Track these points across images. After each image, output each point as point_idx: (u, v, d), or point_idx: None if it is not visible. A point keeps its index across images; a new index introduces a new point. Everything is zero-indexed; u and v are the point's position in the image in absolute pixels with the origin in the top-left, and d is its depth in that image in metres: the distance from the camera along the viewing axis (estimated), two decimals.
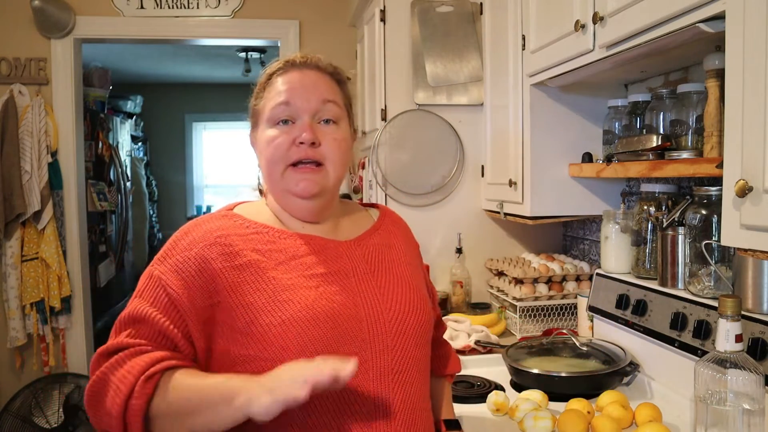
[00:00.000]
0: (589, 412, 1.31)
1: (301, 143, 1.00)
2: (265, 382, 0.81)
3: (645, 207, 1.65)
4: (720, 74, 1.24)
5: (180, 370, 0.89)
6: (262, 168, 1.06)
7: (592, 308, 1.83)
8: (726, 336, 1.04)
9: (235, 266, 0.96)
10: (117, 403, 0.85)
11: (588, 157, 1.89)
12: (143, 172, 5.56)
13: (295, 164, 1.01)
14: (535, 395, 1.39)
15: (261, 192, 1.14)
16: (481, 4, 2.30)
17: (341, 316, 0.96)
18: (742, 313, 1.07)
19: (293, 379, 0.78)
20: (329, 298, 0.97)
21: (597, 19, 1.42)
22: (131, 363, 0.88)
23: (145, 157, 6.04)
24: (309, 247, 1.02)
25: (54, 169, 3.06)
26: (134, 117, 5.47)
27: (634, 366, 1.55)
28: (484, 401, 1.43)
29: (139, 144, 5.82)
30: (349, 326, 0.96)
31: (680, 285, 1.50)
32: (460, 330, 1.91)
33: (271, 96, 1.03)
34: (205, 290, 0.94)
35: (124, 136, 4.54)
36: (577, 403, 1.33)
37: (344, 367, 0.79)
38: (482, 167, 2.34)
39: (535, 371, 1.51)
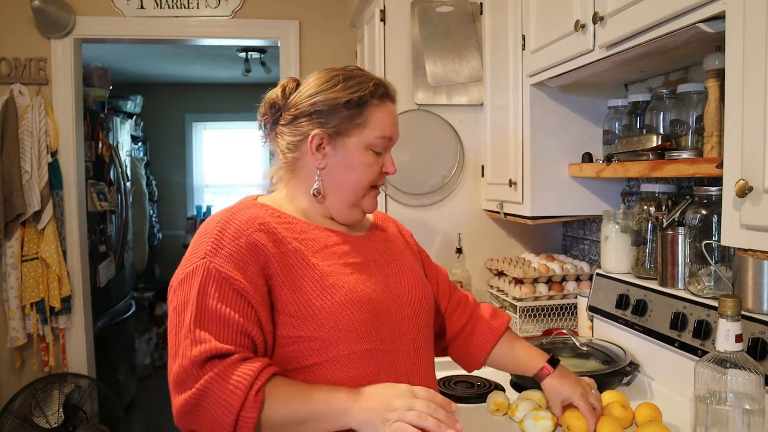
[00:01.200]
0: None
1: (387, 173, 1.15)
2: (372, 406, 0.92)
3: (645, 207, 1.65)
4: (720, 74, 1.24)
5: (278, 378, 0.94)
6: (345, 181, 1.12)
7: (592, 308, 1.83)
8: (726, 336, 1.04)
9: (282, 252, 1.03)
10: (229, 418, 0.88)
11: (588, 157, 1.89)
12: (143, 172, 5.55)
13: (374, 186, 1.15)
14: (535, 395, 1.39)
15: (318, 194, 1.13)
16: (481, 4, 2.30)
17: (376, 300, 1.07)
18: (742, 313, 1.07)
19: (402, 392, 0.93)
20: (364, 284, 1.07)
21: (597, 19, 1.42)
22: (237, 376, 0.89)
23: (145, 157, 6.04)
24: (335, 240, 1.11)
25: (54, 169, 3.06)
26: (134, 117, 5.47)
27: (634, 366, 1.55)
28: (484, 401, 1.43)
29: (139, 144, 5.81)
30: (382, 309, 1.08)
31: (680, 285, 1.50)
32: None
33: (376, 124, 1.11)
34: (261, 276, 1.00)
35: (124, 136, 4.54)
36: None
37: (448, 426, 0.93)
38: (482, 167, 2.34)
39: None
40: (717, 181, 1.25)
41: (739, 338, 1.03)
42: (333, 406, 0.92)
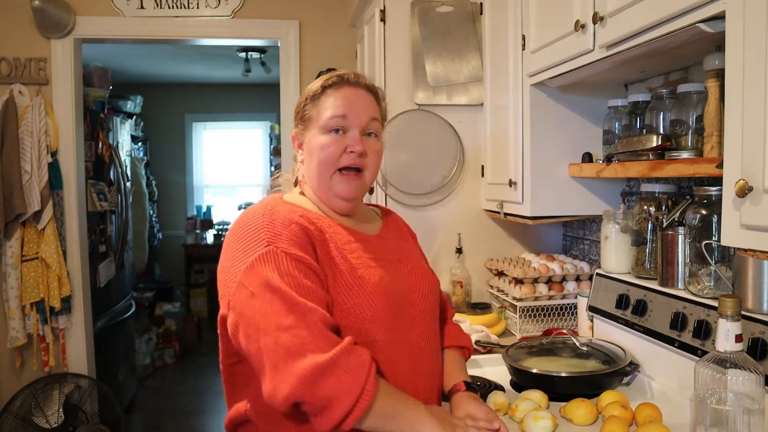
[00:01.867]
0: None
1: (352, 152, 1.16)
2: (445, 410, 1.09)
3: (645, 207, 1.65)
4: (720, 74, 1.24)
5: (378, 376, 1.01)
6: (311, 168, 1.19)
7: (592, 308, 1.83)
8: (726, 336, 1.04)
9: (323, 239, 1.11)
10: (356, 387, 0.94)
11: (588, 157, 1.89)
12: (143, 172, 5.55)
13: (341, 169, 1.17)
14: (535, 395, 1.39)
15: (296, 183, 1.26)
16: (481, 4, 2.30)
17: (394, 294, 1.15)
18: (742, 313, 1.07)
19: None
20: (385, 278, 1.14)
21: (597, 19, 1.42)
22: (358, 353, 0.97)
23: (145, 157, 6.04)
24: (354, 237, 1.18)
25: (54, 169, 3.06)
26: (134, 117, 5.47)
27: (634, 366, 1.55)
28: (484, 401, 1.42)
29: (139, 144, 5.81)
30: (402, 302, 1.16)
31: (680, 285, 1.50)
32: None
33: (326, 107, 1.18)
34: (314, 255, 1.08)
35: (124, 136, 4.53)
36: (582, 403, 1.34)
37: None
38: (482, 167, 2.34)
39: (535, 371, 1.51)
40: (717, 181, 1.25)
41: (739, 338, 1.03)
42: (419, 416, 1.01)
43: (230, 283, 1.04)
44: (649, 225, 1.64)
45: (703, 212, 1.40)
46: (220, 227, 6.42)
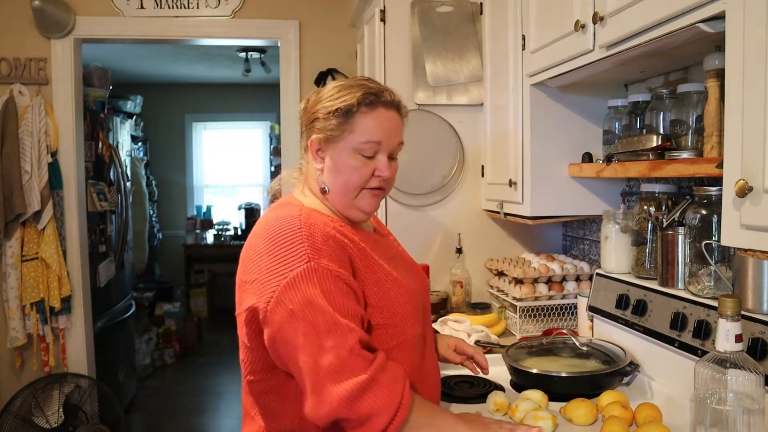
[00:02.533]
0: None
1: (379, 176, 1.18)
2: (478, 420, 1.10)
3: (645, 207, 1.65)
4: (720, 74, 1.24)
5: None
6: (336, 183, 1.18)
7: (592, 308, 1.83)
8: (726, 336, 1.04)
9: (359, 249, 1.14)
10: (394, 401, 0.98)
11: (588, 157, 1.89)
12: (143, 172, 5.55)
13: (369, 188, 1.20)
14: (535, 395, 1.39)
15: (323, 192, 1.22)
16: (481, 4, 2.30)
17: (416, 291, 1.22)
18: (742, 313, 1.07)
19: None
20: (404, 274, 1.21)
21: (597, 19, 1.42)
22: (391, 368, 1.01)
23: (145, 157, 6.04)
24: (369, 239, 1.22)
25: (54, 169, 3.06)
26: (134, 117, 5.47)
27: (634, 366, 1.55)
28: (484, 401, 1.43)
29: (139, 144, 5.81)
30: (418, 299, 1.22)
31: (680, 285, 1.50)
32: (461, 330, 1.91)
33: (362, 129, 1.16)
34: (352, 270, 1.11)
35: (124, 136, 4.53)
36: (582, 403, 1.34)
37: None
38: (482, 167, 2.34)
39: (535, 371, 1.51)
40: (717, 181, 1.25)
41: (739, 338, 1.03)
42: (446, 419, 1.06)
43: (265, 295, 1.03)
44: (649, 225, 1.64)
45: (703, 212, 1.40)
46: (220, 227, 6.42)
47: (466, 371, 1.64)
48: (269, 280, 1.03)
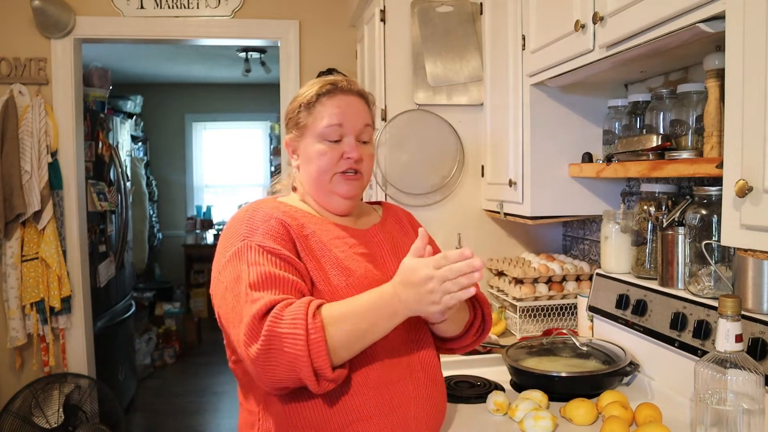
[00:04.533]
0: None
1: (349, 158, 1.20)
2: (413, 297, 0.99)
3: (645, 207, 1.65)
4: (720, 74, 1.24)
5: (326, 304, 1.03)
6: (309, 173, 1.22)
7: (592, 308, 1.83)
8: (726, 336, 1.04)
9: (304, 235, 1.16)
10: (299, 345, 0.96)
11: (588, 157, 1.89)
12: (143, 172, 5.56)
13: (341, 172, 1.21)
14: (535, 395, 1.40)
15: (294, 189, 1.30)
16: (481, 4, 2.30)
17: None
18: (742, 313, 1.07)
19: (426, 275, 0.98)
20: (373, 271, 1.18)
21: (597, 19, 1.42)
22: (290, 311, 0.98)
23: (145, 157, 6.04)
24: (345, 233, 1.22)
25: (54, 169, 3.06)
26: (134, 117, 5.47)
27: (634, 366, 1.55)
28: (484, 401, 1.43)
29: (139, 144, 5.81)
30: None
31: (680, 285, 1.50)
32: None
33: (322, 115, 1.21)
34: (293, 248, 1.12)
35: (124, 136, 4.53)
36: (582, 403, 1.34)
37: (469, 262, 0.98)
38: (482, 167, 2.34)
39: (535, 371, 1.51)
40: (717, 181, 1.25)
41: (739, 338, 1.04)
42: (385, 310, 1.02)
43: (212, 278, 1.13)
44: (649, 225, 1.64)
45: (703, 212, 1.40)
46: (220, 227, 6.42)
47: (465, 371, 1.65)
48: (216, 265, 1.13)
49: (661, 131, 1.54)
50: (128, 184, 4.46)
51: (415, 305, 1.00)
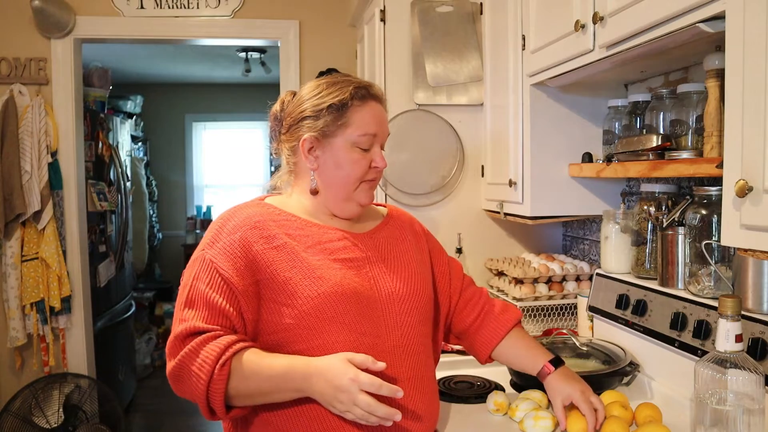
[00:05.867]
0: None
1: (376, 167, 1.21)
2: (324, 390, 1.00)
3: (645, 207, 1.65)
4: (720, 74, 1.24)
5: (247, 352, 1.05)
6: (336, 177, 1.20)
7: (592, 308, 1.83)
8: (726, 336, 1.04)
9: (272, 248, 1.13)
10: (200, 389, 1.02)
11: (588, 157, 1.89)
12: (143, 172, 5.55)
13: (367, 180, 1.22)
14: (535, 395, 1.39)
15: (314, 192, 1.23)
16: (481, 4, 2.30)
17: (362, 295, 1.15)
18: (742, 313, 1.07)
19: (345, 386, 0.98)
20: (352, 279, 1.15)
21: (597, 19, 1.42)
22: (206, 351, 1.02)
23: (145, 157, 6.04)
24: (332, 236, 1.20)
25: (54, 169, 3.06)
26: (134, 117, 5.47)
27: (634, 366, 1.55)
28: (484, 401, 1.43)
29: (139, 144, 5.81)
30: (368, 304, 1.15)
31: (680, 285, 1.50)
32: None
33: (358, 123, 1.18)
34: (249, 269, 1.11)
35: (124, 136, 4.53)
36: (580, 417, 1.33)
37: (375, 365, 0.99)
38: (482, 167, 2.34)
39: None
40: (717, 181, 1.25)
41: (739, 338, 1.03)
42: (290, 381, 1.03)
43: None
44: (649, 225, 1.64)
45: (703, 212, 1.40)
46: None
47: (465, 371, 1.65)
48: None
49: (661, 131, 1.54)
50: (128, 184, 4.46)
51: (319, 397, 1.02)
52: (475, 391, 1.53)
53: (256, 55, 4.78)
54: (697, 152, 1.38)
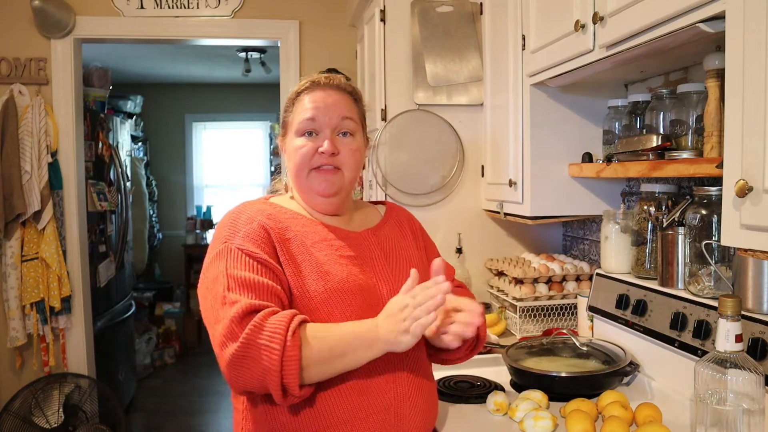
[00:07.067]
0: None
1: (322, 152, 1.19)
2: (390, 328, 1.02)
3: (645, 207, 1.65)
4: (720, 74, 1.24)
5: (308, 324, 1.04)
6: (290, 170, 1.24)
7: (592, 308, 1.83)
8: (726, 336, 1.04)
9: (285, 239, 1.15)
10: (273, 361, 0.97)
11: (588, 157, 1.89)
12: (143, 172, 5.55)
13: (317, 168, 1.20)
14: (535, 395, 1.39)
15: (286, 188, 1.31)
16: (481, 4, 2.30)
17: (367, 291, 1.16)
18: (742, 313, 1.07)
19: (402, 301, 1.03)
20: (357, 276, 1.17)
21: (597, 19, 1.42)
22: (272, 322, 0.99)
23: (145, 157, 6.04)
24: (334, 234, 1.21)
25: (54, 169, 3.06)
26: (134, 117, 5.47)
27: (634, 366, 1.55)
28: (484, 401, 1.43)
29: (139, 144, 5.81)
30: (373, 300, 1.16)
31: (680, 285, 1.50)
32: None
33: (298, 111, 1.22)
34: (273, 252, 1.12)
35: (124, 136, 4.53)
36: (582, 404, 1.33)
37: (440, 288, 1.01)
38: (482, 167, 2.34)
39: (535, 371, 1.51)
40: (717, 181, 1.25)
41: (739, 338, 1.04)
42: (363, 338, 1.04)
43: (201, 274, 1.15)
44: (649, 225, 1.64)
45: (703, 212, 1.40)
46: None
47: (465, 371, 1.65)
48: (203, 266, 1.15)
49: (661, 131, 1.54)
50: (128, 184, 4.46)
51: (388, 335, 1.02)
52: (475, 391, 1.53)
53: (256, 55, 4.78)
54: (697, 152, 1.38)
